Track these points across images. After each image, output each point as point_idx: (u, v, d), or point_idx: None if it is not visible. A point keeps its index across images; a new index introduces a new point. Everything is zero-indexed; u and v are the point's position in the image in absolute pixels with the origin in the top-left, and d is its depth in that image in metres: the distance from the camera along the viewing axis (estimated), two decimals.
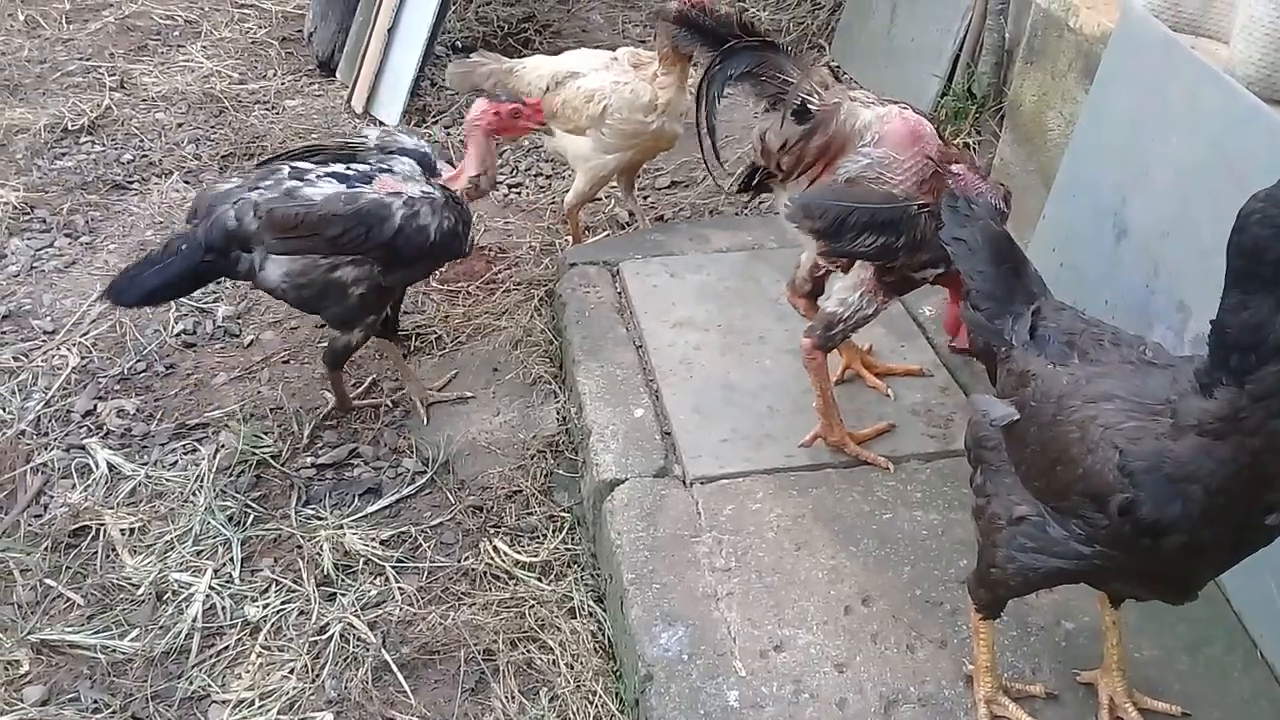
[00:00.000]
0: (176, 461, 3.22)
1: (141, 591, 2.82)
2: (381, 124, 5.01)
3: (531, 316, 3.76)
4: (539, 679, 2.62)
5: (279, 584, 2.85)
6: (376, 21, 5.11)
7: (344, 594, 2.81)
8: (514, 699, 2.57)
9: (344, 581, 2.85)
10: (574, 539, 3.00)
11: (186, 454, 3.24)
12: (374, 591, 2.83)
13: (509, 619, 2.74)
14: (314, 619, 2.74)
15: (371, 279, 2.97)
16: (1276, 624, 2.37)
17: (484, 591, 2.83)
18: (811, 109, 2.65)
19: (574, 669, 2.62)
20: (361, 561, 2.90)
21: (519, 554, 2.93)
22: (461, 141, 4.13)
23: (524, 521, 3.05)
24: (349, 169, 2.99)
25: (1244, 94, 2.62)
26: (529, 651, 2.67)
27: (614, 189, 4.37)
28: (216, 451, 3.21)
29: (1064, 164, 3.30)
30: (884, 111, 2.67)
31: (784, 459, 2.92)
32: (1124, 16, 3.08)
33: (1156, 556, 1.84)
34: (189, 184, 4.58)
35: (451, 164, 3.22)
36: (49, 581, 2.85)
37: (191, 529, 2.97)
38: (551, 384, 3.49)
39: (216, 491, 3.08)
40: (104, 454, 3.20)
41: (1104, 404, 1.88)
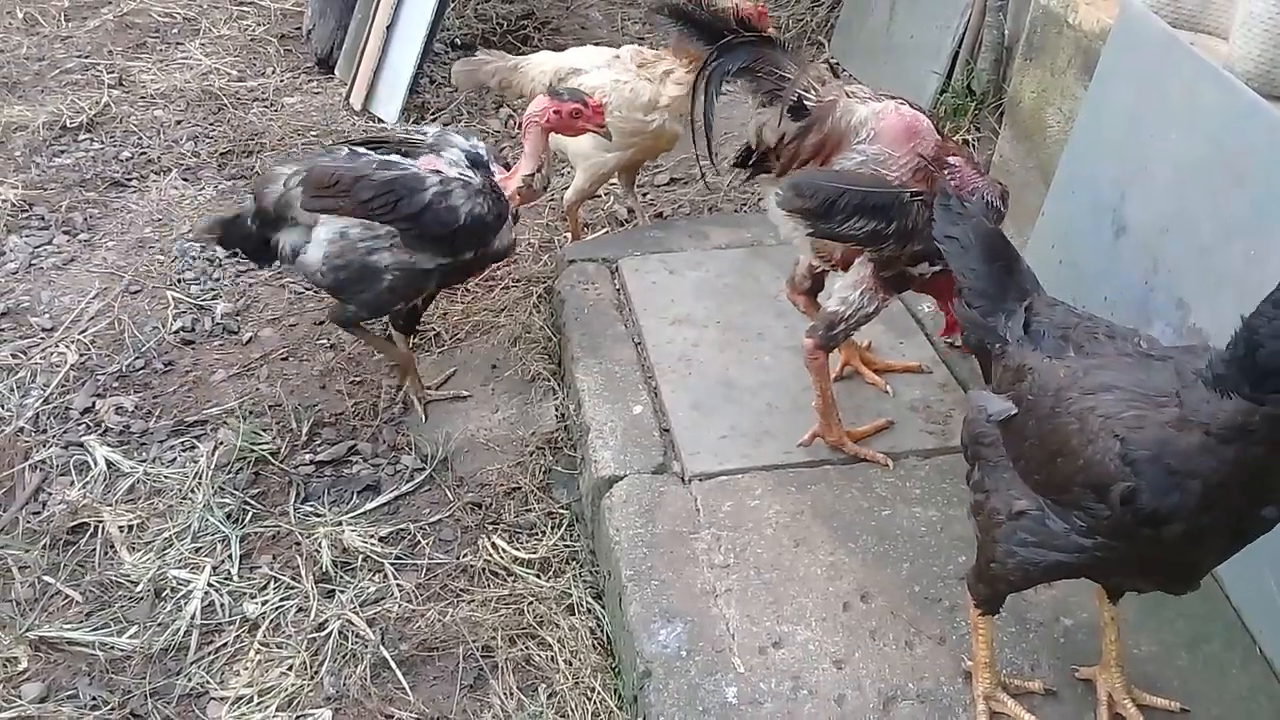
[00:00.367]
0: (175, 458, 3.21)
1: (140, 588, 2.82)
2: (380, 120, 5.01)
3: (530, 313, 3.76)
4: (537, 675, 2.62)
5: (277, 581, 2.85)
6: (375, 18, 5.10)
7: (343, 591, 2.81)
8: (512, 695, 2.57)
9: (343, 578, 2.85)
10: (572, 536, 3.00)
11: (185, 451, 3.24)
12: (373, 588, 2.83)
13: (507, 615, 2.74)
14: (312, 616, 2.74)
15: (406, 267, 3.00)
16: (1275, 620, 2.37)
17: (482, 588, 2.83)
18: (807, 105, 2.65)
19: (572, 665, 2.62)
20: (360, 558, 2.90)
21: (518, 551, 2.93)
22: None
23: (523, 518, 3.04)
24: (404, 157, 3.06)
25: (1243, 90, 2.62)
26: (527, 648, 2.67)
27: (613, 186, 4.37)
28: (215, 448, 3.21)
29: (1063, 161, 3.29)
30: (880, 107, 2.66)
31: (783, 455, 2.92)
32: (1123, 13, 3.08)
33: (1158, 546, 1.84)
34: (187, 181, 4.58)
35: (507, 166, 3.21)
36: (47, 578, 2.85)
37: (190, 526, 2.97)
38: (550, 381, 3.49)
39: (215, 488, 3.08)
40: (102, 451, 3.20)
41: (1103, 395, 1.88)
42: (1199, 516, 1.78)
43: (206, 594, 2.80)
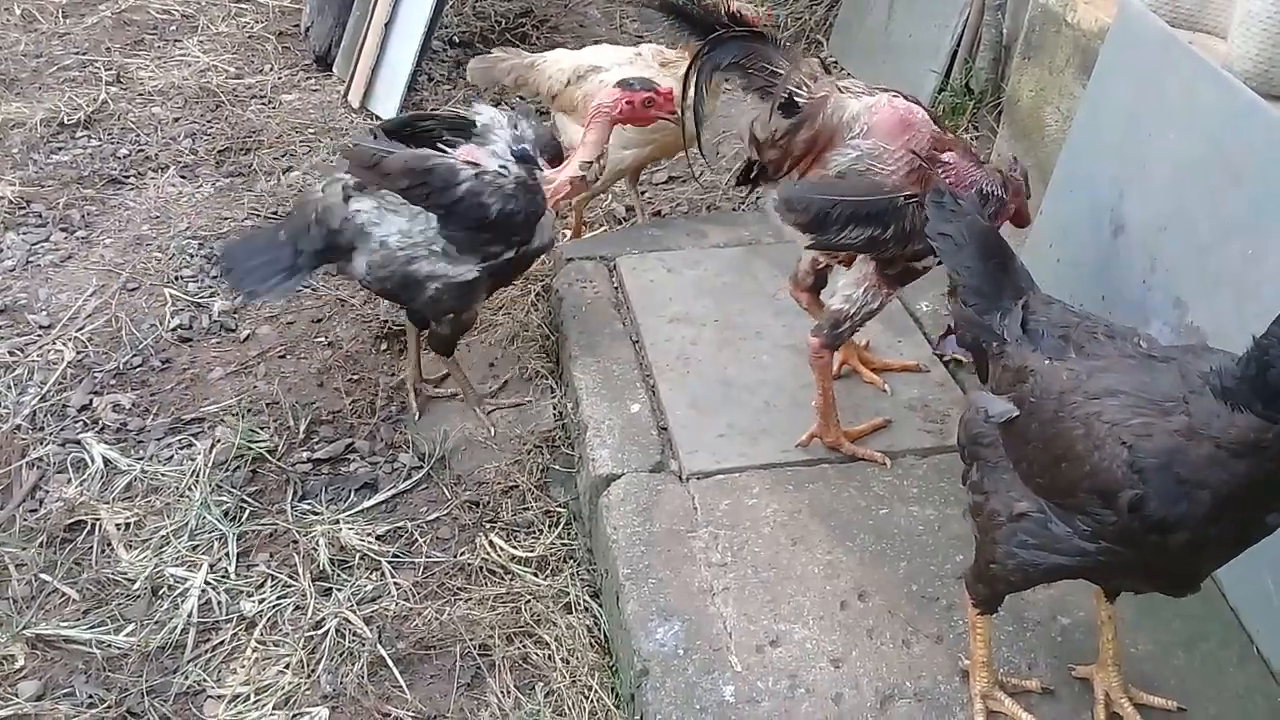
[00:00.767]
0: (172, 456, 3.21)
1: (137, 586, 2.81)
2: (378, 118, 5.00)
3: (528, 311, 3.76)
4: (535, 674, 2.62)
5: (275, 579, 2.84)
6: (373, 16, 5.10)
7: (340, 589, 2.81)
8: (510, 694, 2.57)
9: (340, 577, 2.85)
10: (570, 534, 3.00)
11: (182, 449, 3.24)
12: (370, 587, 2.82)
13: (505, 614, 2.74)
14: (309, 614, 2.74)
15: (445, 277, 3.02)
16: (1272, 619, 2.37)
17: (480, 586, 2.83)
18: (799, 102, 2.64)
19: (570, 664, 2.62)
20: (357, 557, 2.90)
21: (515, 549, 2.93)
22: None
23: (520, 517, 3.04)
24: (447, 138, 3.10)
25: (1241, 89, 2.62)
26: (525, 646, 2.67)
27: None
28: (212, 446, 3.21)
29: (1061, 159, 3.29)
30: (872, 101, 2.64)
31: (780, 454, 2.92)
32: (1122, 12, 3.08)
33: (1164, 552, 1.83)
34: (185, 179, 4.58)
35: (561, 155, 3.19)
36: (44, 576, 2.84)
37: (187, 524, 2.96)
38: (548, 379, 3.48)
39: (212, 486, 3.08)
40: (99, 449, 3.20)
41: (1108, 400, 1.87)
42: (1206, 526, 1.77)
43: (203, 592, 2.79)
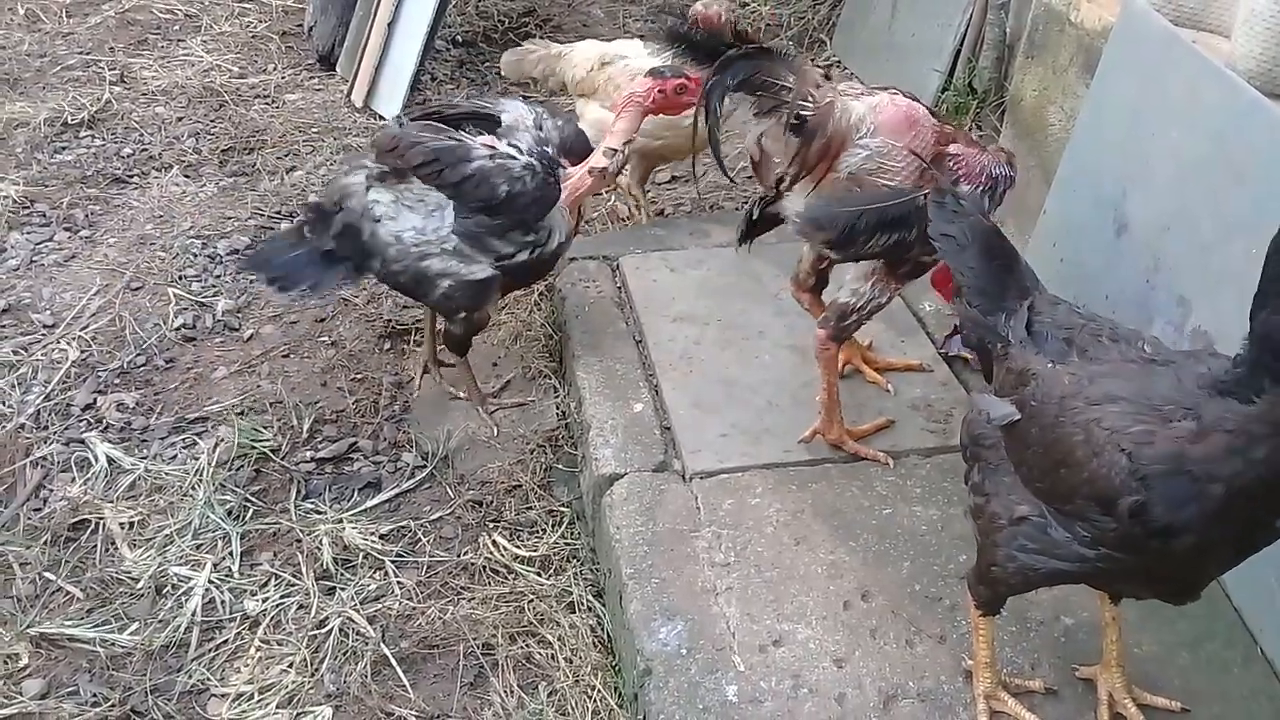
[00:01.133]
0: (176, 455, 3.21)
1: (141, 585, 2.82)
2: (381, 118, 5.01)
3: (531, 311, 3.76)
4: (538, 673, 2.62)
5: (278, 578, 2.85)
6: (376, 15, 5.10)
7: (343, 588, 2.81)
8: (513, 693, 2.57)
9: (343, 576, 2.86)
10: (573, 534, 3.00)
11: (186, 448, 3.24)
12: (373, 586, 2.83)
13: (508, 613, 2.74)
14: (313, 613, 2.74)
15: (456, 275, 3.05)
16: (1276, 620, 2.37)
17: (483, 586, 2.83)
18: (806, 117, 2.63)
19: (573, 663, 2.62)
20: (361, 556, 2.90)
21: (518, 549, 2.93)
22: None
23: (523, 516, 3.04)
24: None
25: (1245, 88, 2.61)
26: (528, 646, 2.67)
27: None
28: (216, 445, 3.21)
29: (1064, 159, 3.29)
30: (875, 101, 2.67)
31: (783, 454, 2.92)
32: (1125, 11, 3.08)
33: (1166, 558, 1.83)
34: (188, 178, 4.58)
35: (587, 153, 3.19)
36: (48, 575, 2.85)
37: (191, 523, 2.97)
38: (551, 379, 3.48)
39: (216, 485, 3.08)
40: (103, 448, 3.20)
41: (1109, 406, 1.86)
42: (1212, 530, 1.75)
43: (207, 591, 2.80)
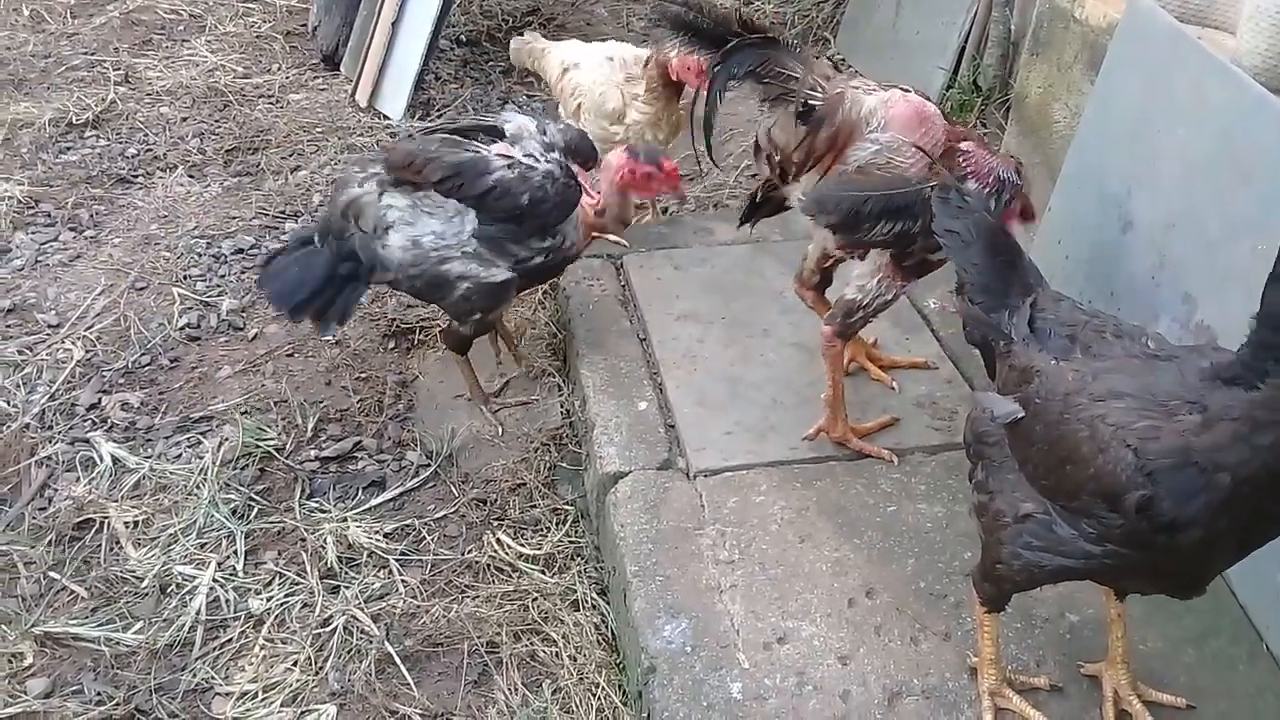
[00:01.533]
0: (180, 455, 3.22)
1: (145, 584, 2.82)
2: (386, 118, 5.01)
3: (535, 309, 3.76)
4: (542, 671, 2.62)
5: (282, 577, 2.85)
6: (380, 15, 5.10)
7: (347, 587, 2.81)
8: (517, 691, 2.57)
9: (347, 574, 2.86)
10: (577, 532, 3.00)
11: (190, 447, 3.24)
12: (377, 584, 2.83)
13: (512, 611, 2.75)
14: (317, 611, 2.74)
15: (476, 278, 3.04)
16: None
17: (487, 584, 2.83)
18: (815, 105, 2.64)
19: (577, 661, 2.62)
20: (365, 554, 2.90)
21: (522, 547, 2.93)
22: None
23: (527, 514, 3.04)
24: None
25: (1251, 85, 2.61)
26: (532, 644, 2.67)
27: None
28: (220, 444, 3.21)
29: (1069, 156, 3.28)
30: (887, 96, 2.67)
31: (788, 451, 2.92)
32: (1130, 7, 3.07)
33: (1172, 553, 1.82)
34: (193, 178, 4.58)
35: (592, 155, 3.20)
36: (53, 574, 2.85)
37: (195, 522, 2.97)
38: (555, 377, 3.48)
39: (220, 484, 3.08)
40: (108, 447, 3.21)
41: (1113, 402, 1.85)
42: (1219, 520, 1.74)
43: (212, 590, 2.80)
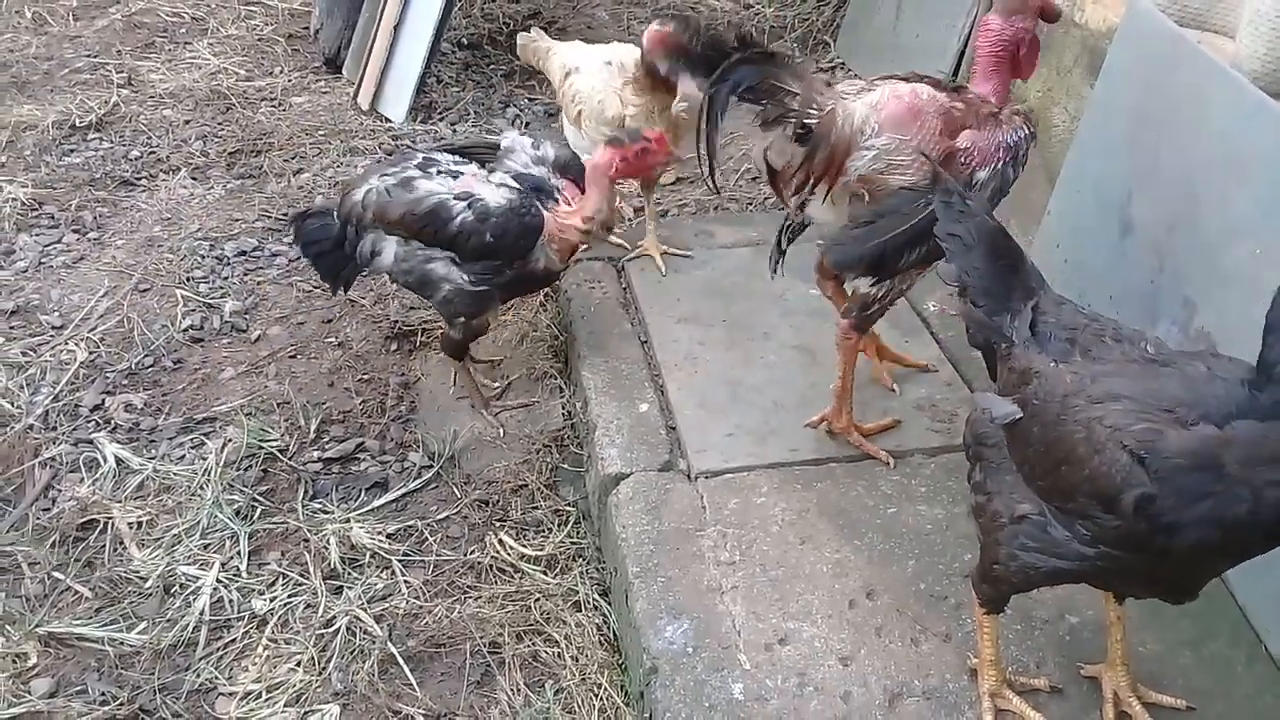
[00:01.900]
0: (184, 455, 3.23)
1: (149, 584, 2.83)
2: (387, 120, 5.02)
3: (536, 312, 3.77)
4: (544, 672, 2.63)
5: (286, 577, 2.86)
6: (382, 18, 5.11)
7: (350, 587, 2.82)
8: (519, 691, 2.58)
9: (350, 575, 2.87)
10: (579, 533, 3.01)
11: (194, 448, 3.26)
12: (380, 585, 2.84)
13: (514, 612, 2.76)
14: (320, 612, 2.76)
15: (455, 282, 3.12)
16: None
17: (490, 585, 2.84)
18: (809, 125, 2.61)
19: (579, 662, 2.63)
20: (368, 555, 2.92)
21: (524, 548, 2.94)
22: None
23: (529, 515, 3.06)
24: (457, 165, 3.20)
25: (1250, 89, 2.61)
26: (534, 644, 2.68)
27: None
28: (224, 445, 3.23)
29: (1069, 159, 3.29)
30: (876, 98, 2.64)
31: (788, 453, 2.93)
32: (1130, 11, 3.08)
33: (1167, 557, 1.83)
34: (196, 180, 4.60)
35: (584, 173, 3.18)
36: (57, 574, 2.86)
37: (199, 522, 2.98)
38: (557, 379, 3.50)
39: (224, 485, 3.10)
40: (112, 448, 3.22)
41: (1110, 404, 1.86)
42: (1222, 529, 1.74)
43: (215, 590, 2.81)
